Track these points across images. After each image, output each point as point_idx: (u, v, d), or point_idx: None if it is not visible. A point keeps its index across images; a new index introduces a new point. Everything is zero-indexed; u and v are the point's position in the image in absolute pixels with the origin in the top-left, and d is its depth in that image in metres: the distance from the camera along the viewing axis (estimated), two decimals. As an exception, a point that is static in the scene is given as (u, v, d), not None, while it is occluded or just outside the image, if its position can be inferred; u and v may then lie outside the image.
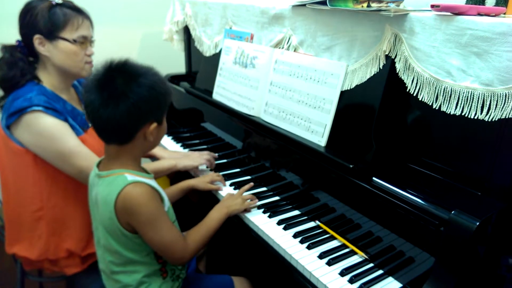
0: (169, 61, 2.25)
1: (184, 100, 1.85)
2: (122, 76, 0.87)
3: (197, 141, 1.76)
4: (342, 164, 1.04)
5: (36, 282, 1.79)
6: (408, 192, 0.93)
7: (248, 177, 1.44)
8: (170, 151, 1.57)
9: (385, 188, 0.96)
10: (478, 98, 0.83)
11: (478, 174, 0.92)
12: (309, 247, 1.06)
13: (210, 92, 1.62)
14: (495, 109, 0.80)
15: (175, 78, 1.97)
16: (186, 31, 1.90)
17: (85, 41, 1.23)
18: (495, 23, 0.78)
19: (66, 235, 1.27)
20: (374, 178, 1.00)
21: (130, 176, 0.93)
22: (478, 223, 0.80)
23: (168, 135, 1.81)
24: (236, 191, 1.32)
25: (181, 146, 1.71)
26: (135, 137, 0.92)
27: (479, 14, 0.85)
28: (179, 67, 2.08)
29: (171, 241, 0.96)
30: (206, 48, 1.72)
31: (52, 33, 1.17)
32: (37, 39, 1.16)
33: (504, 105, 0.79)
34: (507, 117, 0.79)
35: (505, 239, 0.89)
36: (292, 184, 1.27)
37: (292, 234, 1.11)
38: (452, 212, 0.84)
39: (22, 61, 1.19)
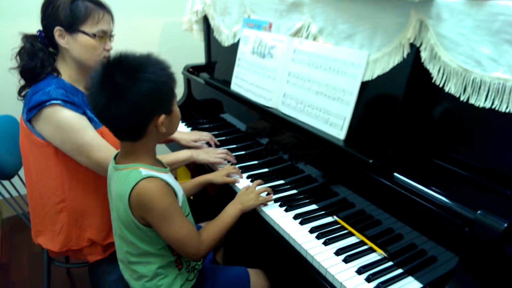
0: (191, 51, 2.24)
1: (204, 91, 1.84)
2: (120, 74, 0.84)
3: (216, 132, 1.74)
4: (361, 158, 1.00)
5: (63, 267, 1.86)
6: (430, 189, 0.88)
7: (266, 170, 1.41)
8: (188, 133, 1.57)
9: (406, 184, 0.92)
10: (511, 90, 0.76)
11: (508, 171, 0.85)
12: (325, 243, 1.03)
13: (228, 83, 1.60)
14: (529, 101, 0.74)
15: (195, 69, 1.96)
16: (206, 20, 1.88)
17: (105, 36, 1.23)
18: (531, 7, 0.71)
19: (87, 226, 1.29)
20: (395, 174, 0.95)
21: (145, 171, 0.92)
22: (506, 225, 0.74)
23: (188, 126, 1.81)
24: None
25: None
26: (146, 132, 0.91)
27: (514, -2, 0.78)
28: (201, 58, 2.07)
29: (185, 237, 0.95)
30: (225, 37, 1.69)
31: (72, 26, 1.17)
32: (57, 31, 1.17)
33: (539, 97, 0.72)
34: (542, 110, 0.72)
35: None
36: (310, 178, 1.23)
37: (309, 229, 1.08)
38: (478, 212, 0.78)
39: (43, 51, 1.21)
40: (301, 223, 1.11)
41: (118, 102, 0.84)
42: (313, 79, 1.20)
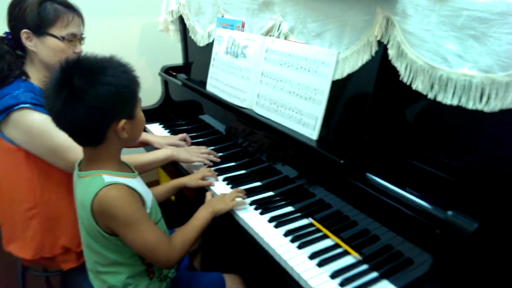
0: (170, 52, 2.20)
1: (181, 92, 1.81)
2: (78, 76, 0.81)
3: (195, 133, 1.71)
4: (332, 159, 0.98)
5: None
6: (403, 189, 0.86)
7: (243, 171, 1.39)
8: (166, 137, 1.54)
9: (376, 184, 0.90)
10: (477, 87, 0.75)
11: (480, 170, 0.84)
12: (300, 247, 1.01)
13: (205, 84, 1.57)
14: (495, 98, 0.72)
15: (173, 70, 1.92)
16: (182, 21, 1.84)
17: (74, 39, 1.20)
18: (493, 2, 0.70)
19: (60, 232, 1.26)
20: (367, 174, 0.94)
21: (108, 177, 0.89)
22: (477, 225, 0.72)
23: (165, 128, 1.77)
24: (229, 186, 1.28)
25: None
26: (106, 137, 0.87)
27: (478, -8, 0.76)
28: (179, 58, 2.03)
29: (153, 244, 0.91)
30: (200, 38, 1.66)
31: (40, 29, 1.14)
32: (24, 33, 1.13)
33: (504, 93, 0.71)
34: (508, 107, 0.71)
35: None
36: (287, 179, 1.21)
37: (283, 233, 1.06)
38: (449, 212, 0.77)
39: (10, 54, 1.17)
40: (276, 226, 1.09)
41: (74, 106, 0.80)
42: (285, 78, 1.18)
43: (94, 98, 0.80)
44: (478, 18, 0.72)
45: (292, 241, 1.03)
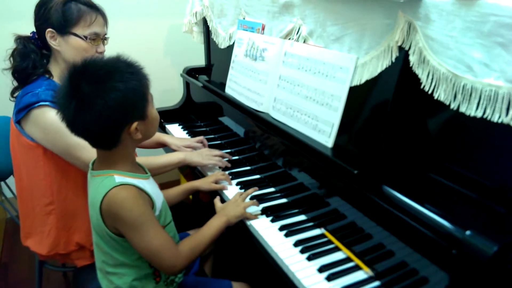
0: (194, 53, 2.21)
1: (202, 94, 1.80)
2: (86, 84, 0.80)
3: (213, 135, 1.71)
4: (346, 168, 0.94)
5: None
6: (416, 203, 0.81)
7: (257, 176, 1.36)
8: (183, 139, 1.53)
9: (388, 196, 0.85)
10: (503, 98, 0.69)
11: (506, 188, 0.77)
12: (309, 258, 0.97)
13: (225, 86, 1.55)
14: (522, 111, 0.66)
15: (195, 71, 1.93)
16: (205, 22, 1.84)
17: (97, 38, 1.22)
18: (525, 6, 0.64)
19: (76, 229, 1.28)
20: (384, 186, 0.89)
21: (119, 178, 0.89)
22: (496, 248, 0.67)
23: (184, 129, 1.77)
24: (242, 191, 1.25)
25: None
26: (120, 140, 0.87)
27: (508, -4, 0.70)
28: (204, 60, 2.04)
29: (159, 248, 0.90)
30: (221, 40, 1.65)
31: (64, 28, 1.16)
32: (49, 32, 1.16)
33: (533, 107, 0.65)
34: (536, 121, 0.65)
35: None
36: (301, 186, 1.17)
37: (293, 242, 1.03)
38: (467, 232, 0.71)
39: (35, 53, 1.20)
40: (286, 235, 1.06)
41: (84, 115, 0.80)
42: (302, 83, 1.15)
43: (103, 107, 0.80)
44: (506, 25, 0.67)
45: (302, 251, 0.99)
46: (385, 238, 0.90)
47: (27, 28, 1.23)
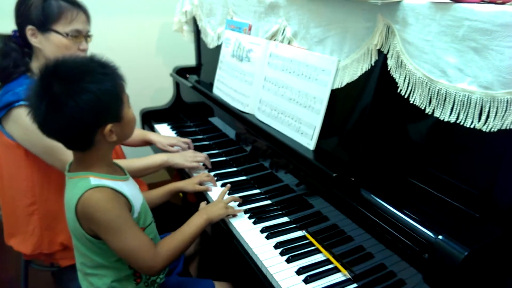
0: (187, 52, 2.20)
1: (192, 93, 1.80)
2: (57, 84, 0.79)
3: (201, 136, 1.70)
4: (325, 171, 0.94)
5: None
6: (391, 206, 0.81)
7: (243, 178, 1.36)
8: (166, 137, 1.53)
9: (363, 199, 0.85)
10: (476, 103, 0.69)
11: (479, 192, 0.77)
12: (288, 260, 0.97)
13: (213, 86, 1.55)
14: (494, 117, 0.66)
15: (184, 70, 1.92)
16: (195, 22, 1.84)
17: (79, 35, 1.20)
18: (497, 12, 0.64)
19: (59, 229, 1.27)
20: (362, 190, 0.89)
21: (94, 180, 0.88)
22: (467, 253, 0.67)
23: (173, 129, 1.77)
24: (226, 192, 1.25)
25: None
26: (94, 142, 0.86)
27: (483, 2, 0.70)
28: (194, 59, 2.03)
29: (135, 250, 0.89)
30: (210, 39, 1.65)
31: (44, 25, 1.15)
32: (29, 30, 1.15)
33: (505, 113, 0.65)
34: (507, 127, 0.65)
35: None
36: (285, 188, 1.17)
37: (274, 244, 1.03)
38: (439, 236, 0.71)
39: (16, 51, 1.19)
40: (268, 237, 1.06)
41: (55, 116, 0.79)
42: (286, 85, 1.14)
43: (74, 109, 0.78)
44: (480, 30, 0.67)
45: (282, 254, 1.00)
46: (364, 241, 0.90)
47: (9, 26, 1.22)
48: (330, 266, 0.96)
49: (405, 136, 0.91)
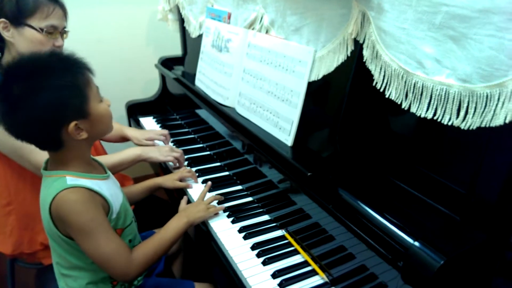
0: (177, 42, 2.13)
1: (177, 86, 1.74)
2: (15, 83, 0.75)
3: (186, 129, 1.65)
4: (300, 170, 0.88)
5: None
6: (365, 208, 0.76)
7: (226, 173, 1.31)
8: (141, 131, 1.48)
9: (338, 200, 0.80)
10: (454, 98, 0.62)
11: (462, 193, 0.72)
12: (264, 263, 0.93)
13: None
14: (473, 114, 0.60)
15: (170, 61, 1.86)
16: (179, 10, 1.76)
17: (55, 31, 1.15)
18: (475, -4, 0.57)
19: (39, 229, 1.24)
20: (335, 189, 0.83)
21: (71, 179, 0.83)
22: (443, 262, 0.62)
23: (157, 122, 1.72)
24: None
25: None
26: (62, 142, 0.81)
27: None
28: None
29: (108, 256, 0.85)
30: (192, 28, 1.58)
31: (18, 19, 1.10)
32: (1, 22, 1.10)
33: (484, 109, 0.58)
34: (487, 125, 0.59)
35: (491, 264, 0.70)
36: (266, 185, 1.12)
37: (251, 245, 0.98)
38: (416, 243, 0.66)
39: None
40: (245, 237, 1.02)
41: (13, 117, 0.75)
42: (264, 77, 1.08)
43: (30, 108, 0.74)
44: (458, 16, 0.60)
45: (258, 255, 0.95)
46: (346, 240, 0.85)
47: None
48: (308, 268, 0.91)
49: (385, 132, 0.85)
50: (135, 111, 1.83)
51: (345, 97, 0.84)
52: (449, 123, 0.64)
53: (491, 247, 0.65)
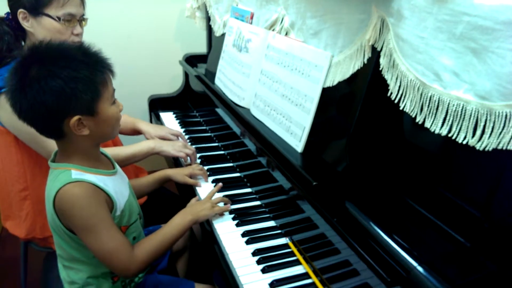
0: (204, 39, 2.14)
1: (199, 83, 1.74)
2: (32, 65, 0.76)
3: (204, 127, 1.65)
4: (307, 178, 0.85)
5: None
6: (368, 226, 0.72)
7: (237, 174, 1.30)
8: (157, 127, 1.48)
9: (340, 215, 0.76)
10: (471, 115, 0.58)
11: (474, 218, 0.67)
12: (263, 270, 0.90)
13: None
14: (490, 134, 0.55)
15: (195, 58, 1.86)
16: (206, 8, 1.76)
17: (73, 19, 1.17)
18: (499, 6, 0.52)
19: (51, 216, 1.27)
20: (347, 202, 0.80)
21: (76, 173, 0.83)
22: (446, 291, 0.57)
23: (177, 119, 1.73)
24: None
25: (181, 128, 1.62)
26: (63, 132, 0.81)
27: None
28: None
29: (111, 251, 0.84)
30: (217, 27, 1.58)
31: (36, 9, 1.12)
32: (21, 13, 1.12)
33: (502, 130, 0.54)
34: (504, 147, 0.54)
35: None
36: (276, 190, 1.09)
37: (252, 251, 0.96)
38: (419, 268, 0.62)
39: (9, 34, 1.16)
40: (248, 242, 0.99)
41: (20, 98, 0.76)
42: (280, 79, 1.06)
43: (37, 92, 0.75)
44: (480, 27, 0.55)
45: (258, 262, 0.93)
46: (349, 256, 0.81)
47: (2, 9, 1.20)
48: (308, 281, 0.88)
49: (398, 146, 0.80)
50: (157, 105, 1.85)
51: (359, 107, 0.80)
52: (464, 142, 0.59)
53: (501, 280, 0.60)
